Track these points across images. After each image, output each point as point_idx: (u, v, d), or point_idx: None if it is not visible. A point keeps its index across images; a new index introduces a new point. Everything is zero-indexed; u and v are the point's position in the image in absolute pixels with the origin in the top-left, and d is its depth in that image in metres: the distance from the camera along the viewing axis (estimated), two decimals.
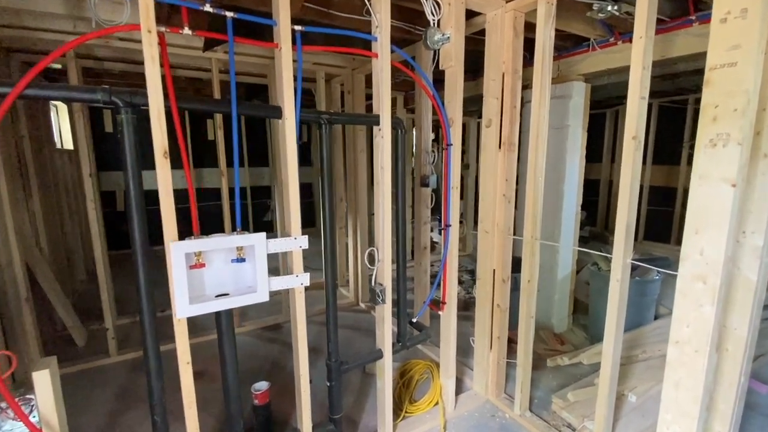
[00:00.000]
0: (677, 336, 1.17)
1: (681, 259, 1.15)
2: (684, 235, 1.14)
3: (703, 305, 1.10)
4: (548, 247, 3.11)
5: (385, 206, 1.71)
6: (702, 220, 1.10)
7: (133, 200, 1.21)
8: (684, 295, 1.14)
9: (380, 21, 1.58)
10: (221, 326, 1.43)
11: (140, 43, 1.14)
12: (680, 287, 1.15)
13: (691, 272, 1.12)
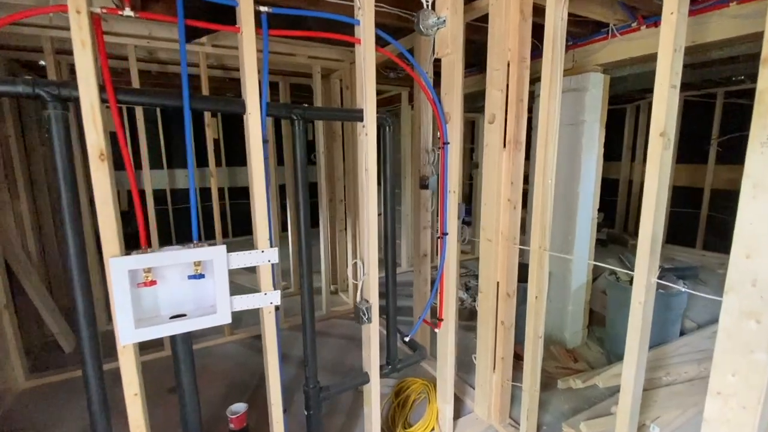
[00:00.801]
0: (719, 386, 0.94)
1: (726, 290, 0.92)
2: (731, 259, 0.91)
3: (755, 351, 0.87)
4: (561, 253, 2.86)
5: (370, 213, 1.52)
6: (756, 240, 0.86)
7: (65, 207, 1.04)
8: (729, 336, 0.91)
9: (362, 2, 1.37)
10: (177, 351, 1.26)
11: (161, 41, 0.97)
12: (725, 325, 0.92)
13: (740, 307, 0.89)
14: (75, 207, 1.05)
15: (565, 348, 2.81)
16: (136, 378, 1.17)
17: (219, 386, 2.46)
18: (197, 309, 1.27)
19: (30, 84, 0.96)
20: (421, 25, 1.57)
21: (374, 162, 1.48)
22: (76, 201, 1.06)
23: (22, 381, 2.40)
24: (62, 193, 1.03)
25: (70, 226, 1.05)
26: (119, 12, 1.05)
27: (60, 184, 1.03)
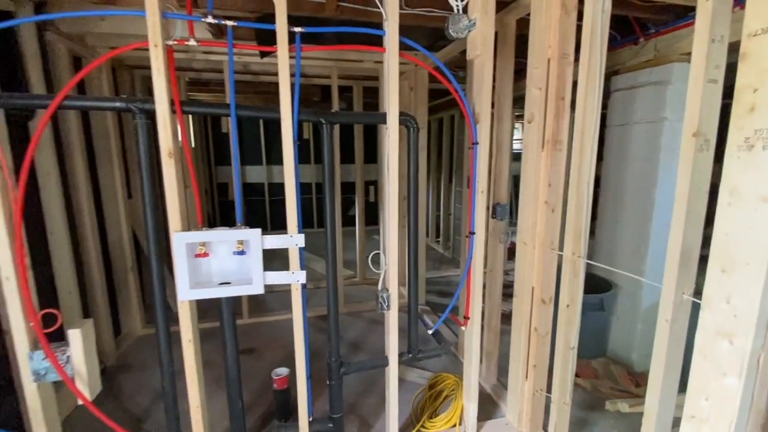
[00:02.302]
0: (693, 409, 0.84)
1: (702, 306, 0.82)
2: (707, 274, 0.81)
3: (727, 374, 0.76)
4: (631, 266, 2.58)
5: (391, 209, 1.64)
6: (732, 254, 0.76)
7: (147, 196, 1.39)
8: (704, 356, 0.81)
9: (388, 14, 1.50)
10: (222, 313, 1.55)
11: (250, 56, 1.30)
12: (699, 344, 0.82)
13: (713, 325, 0.79)
14: (153, 192, 1.40)
15: (628, 371, 2.54)
16: (190, 328, 1.49)
17: (279, 354, 2.82)
18: (239, 279, 1.55)
19: (124, 101, 1.31)
20: (451, 29, 1.62)
21: (396, 161, 1.59)
22: (155, 188, 1.40)
23: (139, 329, 3.09)
24: (144, 181, 1.38)
25: (150, 208, 1.40)
26: (186, 42, 1.35)
27: (143, 175, 1.38)
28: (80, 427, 2.02)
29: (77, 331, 1.37)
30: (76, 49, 2.43)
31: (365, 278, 4.24)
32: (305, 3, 2.01)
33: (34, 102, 1.36)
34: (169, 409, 1.54)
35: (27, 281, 1.32)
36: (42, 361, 1.35)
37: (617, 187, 2.69)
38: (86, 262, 2.54)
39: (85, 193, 2.47)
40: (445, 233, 5.51)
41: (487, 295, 2.40)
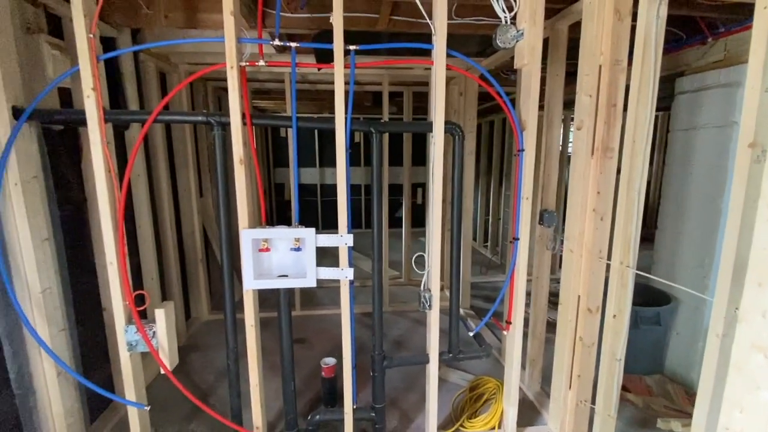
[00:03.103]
0: (727, 421, 0.82)
1: (739, 320, 0.80)
2: (744, 287, 0.79)
3: (761, 388, 0.75)
4: (693, 280, 2.43)
5: (435, 213, 1.72)
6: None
7: (220, 198, 1.60)
8: (738, 369, 0.79)
9: (436, 29, 1.58)
10: (280, 302, 1.73)
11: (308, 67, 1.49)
12: (735, 358, 0.81)
13: (749, 338, 0.77)
14: (226, 194, 1.60)
15: (687, 390, 2.38)
16: (253, 314, 1.68)
17: (327, 345, 3.01)
18: (295, 273, 1.72)
19: (204, 115, 1.53)
20: (499, 40, 1.67)
21: (440, 168, 1.67)
22: (227, 190, 1.61)
23: (206, 314, 3.44)
24: (219, 184, 1.59)
25: (223, 208, 1.61)
26: (256, 64, 1.54)
27: (218, 179, 1.59)
28: (157, 396, 2.32)
29: (162, 310, 1.61)
30: (162, 66, 2.79)
31: (410, 279, 4.33)
32: (359, 19, 2.15)
33: (136, 118, 1.63)
34: (232, 385, 1.75)
35: (125, 267, 1.58)
36: (134, 335, 1.61)
37: (680, 195, 2.53)
38: (165, 252, 2.89)
39: (166, 192, 2.82)
40: (493, 238, 5.43)
41: (532, 301, 2.39)
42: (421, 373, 2.54)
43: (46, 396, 1.62)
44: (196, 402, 1.71)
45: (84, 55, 1.42)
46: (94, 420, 2.06)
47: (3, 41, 1.42)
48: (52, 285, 1.61)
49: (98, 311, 2.11)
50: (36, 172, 1.55)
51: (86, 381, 1.61)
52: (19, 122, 1.44)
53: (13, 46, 1.47)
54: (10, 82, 1.45)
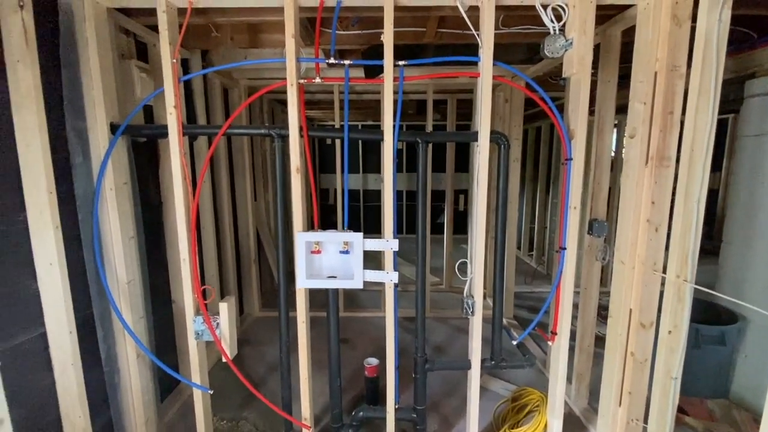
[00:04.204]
0: None
1: None
2: None
3: None
4: (765, 298, 2.23)
5: (478, 221, 1.75)
6: None
7: (279, 202, 1.75)
8: None
9: (483, 42, 1.63)
10: (329, 302, 1.84)
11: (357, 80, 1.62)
12: None
13: None
14: (284, 200, 1.75)
15: (755, 417, 2.19)
16: (304, 312, 1.80)
17: (369, 347, 3.10)
18: (343, 275, 1.82)
19: (267, 128, 1.68)
20: (547, 50, 1.68)
21: (485, 178, 1.70)
22: (285, 196, 1.75)
23: (257, 311, 3.68)
24: (278, 191, 1.74)
25: (281, 212, 1.75)
26: (313, 80, 1.67)
27: (278, 186, 1.74)
28: (212, 384, 2.53)
29: (226, 304, 1.78)
30: (225, 82, 3.06)
31: (451, 286, 4.33)
32: (406, 33, 2.24)
33: (208, 131, 1.82)
34: (284, 377, 1.89)
35: (196, 264, 1.77)
36: (201, 325, 1.79)
37: (750, 206, 2.35)
38: (224, 252, 3.14)
39: (226, 197, 3.07)
40: (539, 247, 5.28)
41: (579, 314, 2.33)
42: (462, 380, 2.55)
43: (128, 375, 1.84)
44: (252, 390, 1.86)
45: (168, 77, 1.63)
46: (162, 400, 2.30)
47: (105, 67, 1.67)
48: (135, 277, 1.84)
49: (168, 303, 2.36)
50: (126, 178, 1.78)
51: (161, 363, 1.81)
52: (116, 136, 1.68)
53: (112, 71, 1.72)
54: (109, 102, 1.70)
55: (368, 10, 1.86)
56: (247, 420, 2.25)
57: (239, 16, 1.97)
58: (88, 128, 1.68)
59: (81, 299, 1.67)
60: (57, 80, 1.58)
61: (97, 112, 1.67)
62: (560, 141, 4.58)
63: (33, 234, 1.49)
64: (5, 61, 1.41)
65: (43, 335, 1.57)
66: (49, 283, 1.53)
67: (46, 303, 1.55)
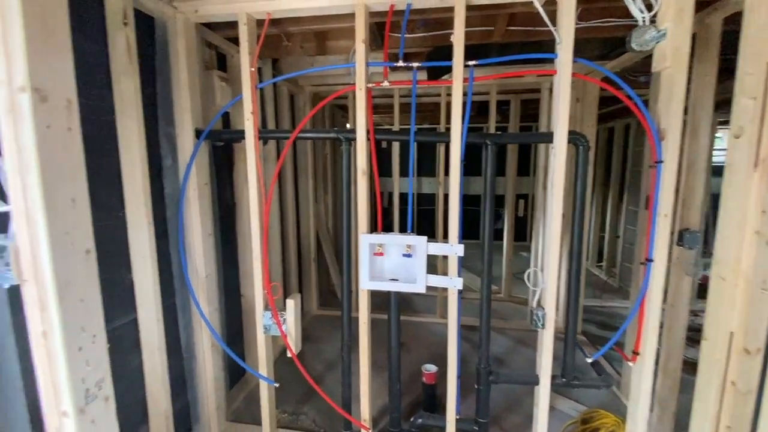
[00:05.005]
0: None
1: None
2: None
3: None
4: None
5: (553, 227, 1.64)
6: None
7: (344, 201, 1.78)
8: None
9: (561, 37, 1.53)
10: (390, 305, 1.84)
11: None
12: None
13: None
14: (349, 202, 1.78)
15: None
16: (366, 313, 1.82)
17: (424, 352, 3.05)
18: (405, 278, 1.81)
19: (336, 132, 1.72)
20: (635, 43, 1.53)
21: (561, 182, 1.59)
22: (349, 198, 1.78)
23: (315, 309, 3.79)
24: (344, 193, 1.77)
25: (346, 214, 1.78)
26: (380, 84, 1.68)
27: (344, 188, 1.77)
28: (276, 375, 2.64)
29: (292, 301, 1.85)
30: (292, 88, 3.20)
31: (510, 295, 4.14)
32: (473, 33, 2.19)
33: (281, 135, 1.91)
34: (345, 376, 1.91)
35: (266, 261, 1.86)
36: (269, 319, 1.87)
37: None
38: (287, 251, 3.28)
39: (291, 198, 3.21)
40: (609, 258, 4.88)
41: (665, 334, 2.10)
42: (526, 395, 2.42)
43: (203, 362, 1.98)
44: (316, 388, 1.91)
45: (247, 85, 1.73)
46: (230, 389, 2.45)
47: (192, 77, 1.81)
48: (211, 272, 1.98)
49: (237, 297, 2.51)
50: (207, 180, 1.93)
51: (234, 354, 1.93)
52: (199, 141, 1.82)
53: (197, 81, 1.86)
54: (194, 109, 1.84)
55: (437, 11, 1.84)
56: (307, 415, 2.32)
57: (310, 25, 2.05)
58: (176, 133, 1.83)
59: (165, 290, 1.82)
60: (150, 90, 1.75)
61: (185, 119, 1.82)
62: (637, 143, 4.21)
63: (130, 229, 1.66)
64: (111, 73, 1.59)
65: (135, 321, 1.73)
66: (141, 273, 1.69)
67: (138, 292, 1.71)
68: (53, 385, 0.96)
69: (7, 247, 0.96)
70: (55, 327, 0.92)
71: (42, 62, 0.88)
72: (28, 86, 0.86)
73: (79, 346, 0.97)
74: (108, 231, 1.60)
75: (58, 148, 0.92)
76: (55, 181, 0.91)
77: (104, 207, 1.57)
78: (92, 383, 1.01)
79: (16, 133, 0.87)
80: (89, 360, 1.00)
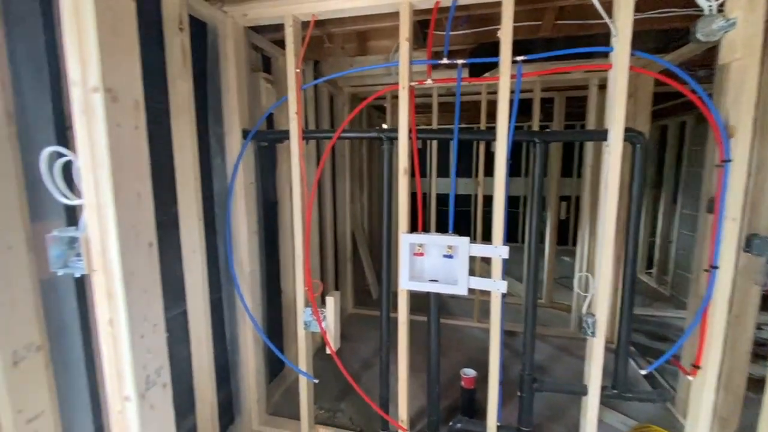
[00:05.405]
0: None
1: None
2: None
3: None
4: None
5: (606, 230, 1.56)
6: None
7: (384, 201, 1.78)
8: None
9: (618, 29, 1.45)
10: (430, 306, 1.81)
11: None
12: None
13: None
14: (389, 201, 1.77)
15: None
16: (405, 312, 1.80)
17: (460, 356, 2.99)
18: (445, 279, 1.78)
19: (377, 131, 1.73)
20: (700, 33, 1.42)
21: (616, 182, 1.51)
22: (390, 198, 1.78)
23: (351, 307, 3.82)
24: (384, 192, 1.77)
25: (386, 213, 1.78)
26: (423, 83, 1.67)
27: (385, 187, 1.77)
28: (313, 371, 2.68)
29: (332, 298, 1.87)
30: (331, 89, 3.25)
31: (552, 301, 3.97)
32: (519, 29, 2.12)
33: (324, 135, 1.94)
34: (383, 376, 1.91)
35: (308, 259, 1.89)
36: (310, 316, 1.90)
37: None
38: (324, 250, 3.33)
39: (329, 198, 3.25)
40: (660, 264, 4.58)
41: (728, 347, 1.93)
42: (569, 405, 2.31)
43: (246, 355, 2.05)
44: (354, 386, 1.92)
45: (292, 86, 1.77)
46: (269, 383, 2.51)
47: (241, 80, 1.88)
48: (255, 268, 2.04)
49: (277, 293, 2.57)
50: (253, 178, 1.99)
51: (276, 349, 1.97)
52: (246, 141, 1.88)
53: (245, 83, 1.93)
54: (242, 110, 1.91)
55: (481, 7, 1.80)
56: (344, 412, 2.33)
57: (353, 25, 2.07)
58: (225, 134, 1.91)
59: (212, 284, 1.90)
60: (200, 93, 1.83)
61: (233, 120, 1.89)
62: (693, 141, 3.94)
63: (182, 225, 1.74)
64: (168, 77, 1.67)
65: (184, 313, 1.82)
66: (192, 267, 1.77)
67: (188, 285, 1.79)
68: (117, 371, 1.02)
69: (78, 239, 1.03)
70: (120, 315, 0.98)
71: (113, 64, 0.94)
72: (101, 87, 0.92)
73: (142, 333, 1.02)
74: (162, 226, 1.69)
75: (127, 146, 0.98)
76: (123, 176, 0.96)
77: (160, 203, 1.65)
78: (152, 370, 1.06)
79: (90, 131, 0.94)
80: (150, 348, 1.05)
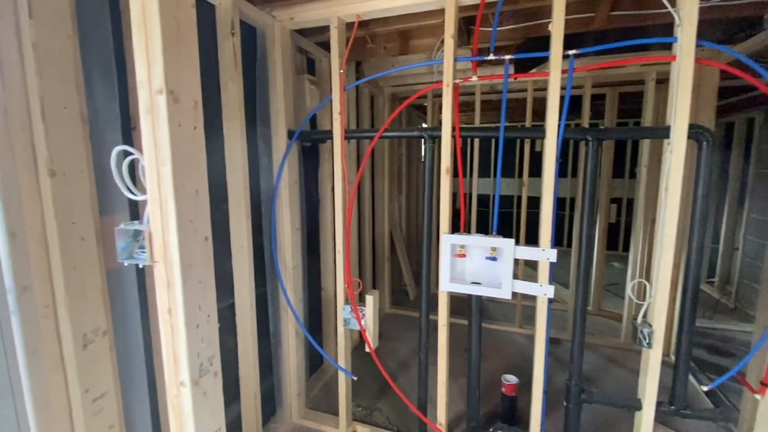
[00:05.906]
0: None
1: None
2: None
3: None
4: None
5: (666, 234, 1.45)
6: None
7: (425, 200, 1.76)
8: None
9: (682, 18, 1.34)
10: (472, 309, 1.77)
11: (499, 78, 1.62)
12: None
13: None
14: (431, 202, 1.76)
15: None
16: (445, 314, 1.77)
17: (500, 362, 2.91)
18: (488, 282, 1.73)
19: (419, 130, 1.71)
20: None
21: (678, 183, 1.39)
22: (431, 198, 1.76)
23: (387, 307, 3.83)
24: (425, 192, 1.75)
25: (427, 213, 1.76)
26: (468, 80, 1.63)
27: (425, 187, 1.75)
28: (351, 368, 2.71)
29: (371, 297, 1.88)
30: (372, 89, 3.27)
31: (600, 309, 3.76)
32: (570, 22, 2.02)
33: (367, 135, 1.96)
34: (421, 377, 1.89)
35: (348, 257, 1.91)
36: (349, 313, 1.92)
37: None
38: (363, 249, 3.36)
39: (368, 197, 3.28)
40: (723, 273, 4.20)
41: None
42: (617, 420, 2.18)
43: (287, 349, 2.11)
44: (393, 386, 1.92)
45: (336, 86, 1.80)
46: (308, 377, 2.57)
47: (286, 82, 1.94)
48: (297, 264, 2.09)
49: (317, 290, 2.62)
50: (297, 178, 2.04)
51: (317, 344, 2.02)
52: (291, 141, 1.94)
53: (291, 85, 1.99)
54: (288, 111, 1.97)
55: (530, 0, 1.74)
56: (381, 411, 2.34)
57: (396, 24, 2.07)
58: (272, 134, 1.97)
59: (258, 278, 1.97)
60: (248, 94, 1.90)
61: (279, 120, 1.95)
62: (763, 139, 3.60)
63: (231, 221, 1.82)
64: (220, 80, 1.75)
65: (232, 306, 1.90)
66: (240, 262, 1.84)
67: (236, 279, 1.87)
68: (174, 357, 1.09)
69: (142, 232, 1.11)
70: (178, 305, 1.04)
71: (175, 67, 1.00)
72: (165, 89, 0.97)
73: (197, 323, 1.08)
74: (214, 222, 1.77)
75: (187, 145, 1.03)
76: (183, 174, 1.02)
77: (213, 200, 1.74)
78: (205, 358, 1.11)
79: (154, 130, 1.00)
80: (204, 337, 1.11)
